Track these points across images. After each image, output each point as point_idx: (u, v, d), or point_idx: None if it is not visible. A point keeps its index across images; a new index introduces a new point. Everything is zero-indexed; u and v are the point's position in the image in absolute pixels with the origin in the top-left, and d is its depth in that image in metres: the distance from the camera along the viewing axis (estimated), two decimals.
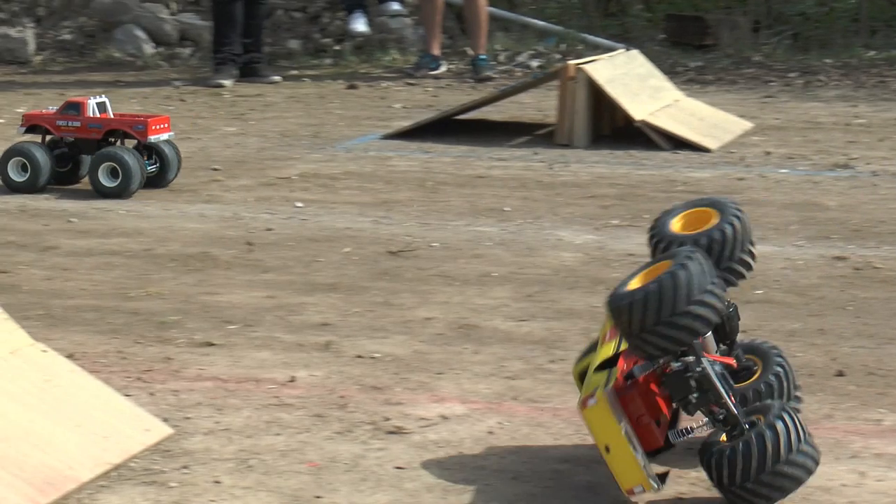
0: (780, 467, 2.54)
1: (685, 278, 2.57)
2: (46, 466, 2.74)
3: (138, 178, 5.69)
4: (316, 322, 3.98)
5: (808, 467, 2.57)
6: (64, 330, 3.86)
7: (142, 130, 5.75)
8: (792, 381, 2.87)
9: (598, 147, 6.98)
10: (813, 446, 2.59)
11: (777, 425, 2.55)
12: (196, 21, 11.09)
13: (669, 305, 2.57)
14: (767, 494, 2.57)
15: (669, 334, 2.59)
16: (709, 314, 2.59)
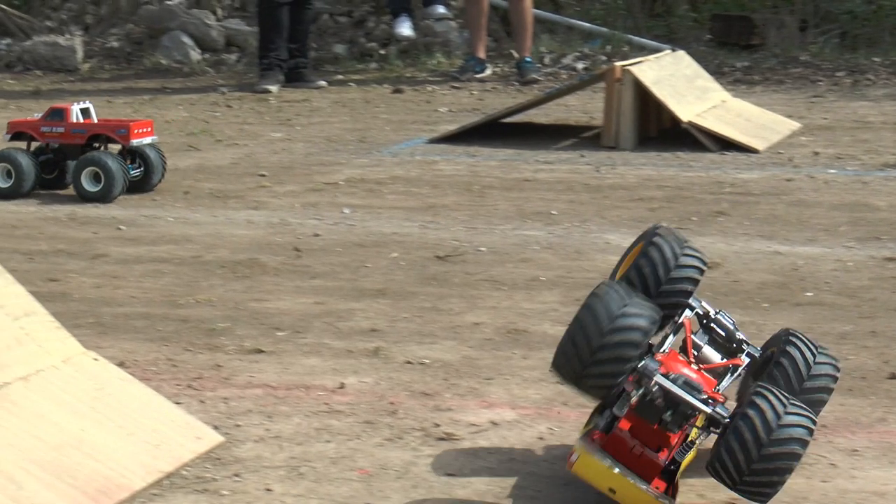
0: (766, 450, 2.48)
1: (589, 316, 2.57)
2: (99, 475, 2.75)
3: (121, 182, 5.76)
4: (364, 328, 3.98)
5: (798, 436, 2.49)
6: (114, 338, 3.88)
7: (124, 134, 5.82)
8: (807, 358, 2.78)
9: (644, 149, 6.96)
10: (798, 413, 2.51)
11: (748, 412, 2.50)
12: (242, 27, 11.13)
13: (585, 347, 2.58)
14: (770, 480, 2.51)
15: (600, 371, 2.58)
16: (629, 337, 2.57)
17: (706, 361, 2.80)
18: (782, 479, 2.50)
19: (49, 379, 2.96)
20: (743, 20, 10.70)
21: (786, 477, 2.50)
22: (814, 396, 2.73)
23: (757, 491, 2.53)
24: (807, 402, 2.66)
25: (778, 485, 2.51)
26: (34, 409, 2.84)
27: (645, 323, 2.59)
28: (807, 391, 2.73)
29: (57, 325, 3.11)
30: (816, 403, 2.74)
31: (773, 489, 2.52)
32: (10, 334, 2.98)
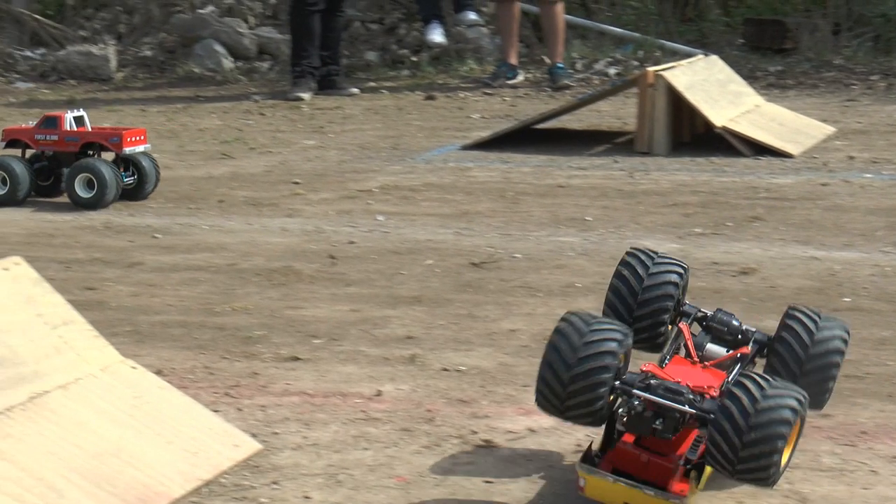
0: (748, 437, 2.48)
1: (554, 354, 2.61)
2: (138, 483, 2.76)
3: (114, 189, 5.82)
4: (400, 335, 3.98)
5: (778, 418, 2.48)
6: (151, 346, 3.89)
7: (117, 143, 5.89)
8: (807, 326, 2.79)
9: (678, 154, 6.94)
10: (777, 395, 2.49)
11: (725, 403, 2.51)
12: (274, 35, 11.16)
13: (557, 384, 2.60)
14: (759, 464, 2.50)
15: (578, 402, 2.60)
16: (598, 363, 2.59)
17: (712, 357, 2.83)
18: (772, 459, 2.49)
19: (88, 387, 2.97)
20: (776, 24, 10.66)
21: (775, 457, 2.49)
22: (823, 361, 2.76)
23: (754, 477, 2.53)
24: (817, 368, 2.71)
25: (772, 466, 2.50)
26: (73, 418, 2.86)
27: (612, 345, 2.61)
28: (814, 358, 2.76)
29: (95, 333, 3.12)
30: (827, 368, 2.76)
31: (768, 471, 2.51)
32: (49, 343, 3.00)
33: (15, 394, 2.83)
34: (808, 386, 2.72)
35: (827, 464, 2.99)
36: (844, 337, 2.81)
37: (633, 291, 2.87)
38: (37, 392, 2.87)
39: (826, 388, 2.79)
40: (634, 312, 2.87)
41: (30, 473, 2.66)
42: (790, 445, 2.58)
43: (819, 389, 2.78)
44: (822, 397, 2.80)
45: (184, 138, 7.95)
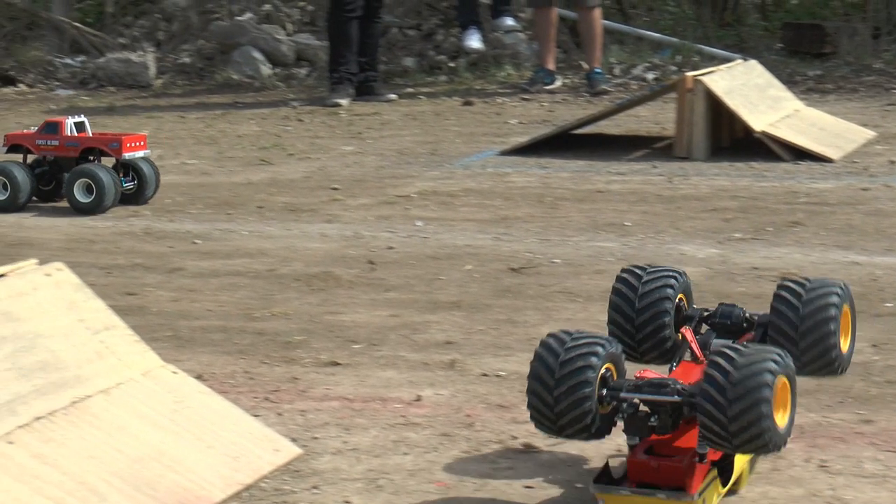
0: (732, 410, 2.48)
1: (535, 381, 2.64)
2: (179, 487, 2.77)
3: (112, 194, 5.87)
4: (440, 340, 3.98)
5: (756, 384, 2.48)
6: (192, 351, 3.91)
7: (116, 148, 5.94)
8: (796, 291, 2.80)
9: (717, 159, 6.92)
10: (749, 363, 2.49)
11: (703, 387, 2.52)
12: (312, 41, 11.19)
13: (544, 408, 2.63)
14: (751, 434, 2.50)
15: (569, 419, 2.62)
16: (579, 379, 2.60)
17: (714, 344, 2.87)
18: (762, 426, 2.49)
19: (129, 392, 2.98)
20: (814, 28, 10.60)
21: (765, 423, 2.49)
22: (816, 319, 2.76)
23: (754, 446, 2.53)
24: (812, 327, 2.74)
25: (764, 432, 2.49)
26: (115, 422, 2.87)
27: (591, 359, 2.62)
28: (807, 318, 2.77)
29: (136, 338, 3.14)
30: (823, 324, 2.76)
31: (763, 438, 2.50)
32: (91, 348, 3.01)
33: (57, 398, 2.85)
34: (810, 348, 2.75)
35: (870, 470, 2.97)
36: (836, 292, 2.80)
37: (630, 306, 2.89)
38: (79, 397, 2.88)
39: (828, 345, 2.78)
40: (636, 326, 2.89)
41: (71, 477, 2.67)
42: (783, 407, 2.56)
43: (822, 349, 2.77)
44: (829, 357, 2.78)
45: (223, 145, 7.98)
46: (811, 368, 2.81)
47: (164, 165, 7.25)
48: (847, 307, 2.86)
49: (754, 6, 11.93)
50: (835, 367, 2.82)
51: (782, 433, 2.55)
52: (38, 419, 2.77)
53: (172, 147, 7.90)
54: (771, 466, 2.97)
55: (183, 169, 7.16)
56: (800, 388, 3.41)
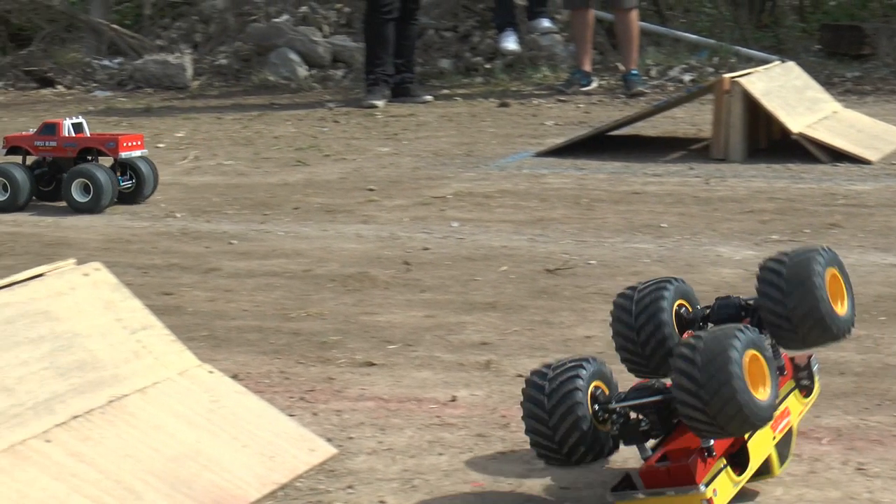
0: (705, 396, 2.50)
1: (528, 415, 2.70)
2: (215, 486, 2.78)
3: (109, 193, 5.95)
4: (475, 341, 3.98)
5: (722, 365, 2.49)
6: (228, 350, 3.92)
7: (113, 148, 6.03)
8: (774, 268, 2.80)
9: (754, 161, 6.89)
10: (711, 347, 2.51)
11: (674, 379, 2.55)
12: (348, 43, 11.21)
13: (544, 439, 2.68)
14: (731, 412, 2.51)
15: (571, 446, 2.66)
16: (567, 404, 2.64)
17: None
18: (739, 403, 2.49)
19: (166, 391, 2.99)
20: (853, 30, 10.55)
21: (741, 397, 2.49)
22: (803, 290, 2.74)
23: (739, 426, 2.54)
24: (801, 300, 2.72)
25: (743, 408, 2.50)
26: (152, 421, 2.88)
27: (577, 381, 2.67)
28: (793, 292, 2.75)
29: (173, 338, 3.15)
30: (809, 294, 2.74)
31: (744, 413, 2.51)
32: (128, 347, 3.03)
33: (94, 397, 2.86)
34: (804, 321, 2.74)
35: None
36: (817, 259, 2.79)
37: (629, 328, 2.89)
38: (116, 395, 2.90)
39: (821, 314, 2.75)
40: (640, 344, 2.88)
41: (108, 476, 2.68)
42: (761, 380, 2.57)
43: (815, 319, 2.75)
44: (826, 325, 2.76)
45: (259, 146, 8.00)
46: (811, 339, 2.80)
47: (201, 166, 7.29)
48: (834, 270, 2.83)
49: (792, 8, 11.88)
50: (834, 333, 2.80)
51: (764, 405, 2.55)
52: (75, 418, 2.79)
53: (209, 148, 7.93)
54: (808, 469, 2.95)
55: (219, 170, 7.18)
56: (838, 390, 3.40)
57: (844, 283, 2.86)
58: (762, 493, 2.83)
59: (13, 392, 2.74)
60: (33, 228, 5.75)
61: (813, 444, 3.09)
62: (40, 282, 3.01)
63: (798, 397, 2.89)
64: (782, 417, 2.79)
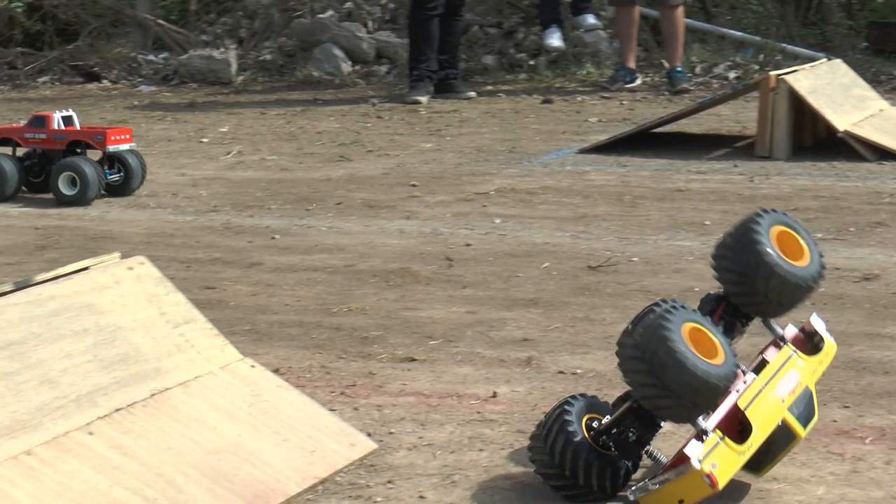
0: (654, 372, 2.56)
1: (540, 467, 2.80)
2: (255, 480, 2.79)
3: (96, 186, 6.05)
4: (517, 337, 3.97)
5: (655, 344, 2.56)
6: (269, 345, 3.93)
7: (101, 141, 6.13)
8: (724, 254, 2.82)
9: (799, 159, 6.85)
10: (640, 331, 2.59)
11: (623, 374, 2.64)
12: (392, 39, 11.23)
13: (566, 483, 2.75)
14: (688, 386, 2.56)
15: (588, 479, 2.73)
16: (569, 441, 2.73)
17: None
18: (690, 370, 2.54)
19: (208, 385, 3.00)
20: None
21: (691, 364, 2.54)
22: (750, 260, 2.75)
23: (702, 394, 2.57)
24: (753, 270, 2.74)
25: (698, 374, 2.55)
26: (193, 415, 2.89)
27: (566, 417, 2.75)
28: (737, 253, 2.77)
29: (215, 332, 3.16)
30: (758, 261, 2.75)
31: (700, 380, 2.55)
32: (171, 341, 3.04)
33: (137, 390, 2.88)
34: (766, 288, 2.75)
35: None
36: (755, 221, 2.80)
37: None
38: (158, 389, 2.91)
39: (779, 277, 2.76)
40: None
41: (149, 468, 2.70)
42: (710, 348, 2.61)
43: (776, 283, 2.76)
44: (790, 284, 2.77)
45: (302, 141, 8.02)
46: (783, 298, 2.80)
47: (244, 161, 7.31)
48: (781, 227, 2.83)
49: (839, 5, 11.79)
50: (804, 289, 2.81)
51: (722, 369, 2.59)
52: (118, 410, 2.80)
53: (252, 143, 7.96)
54: (851, 468, 2.93)
55: (263, 165, 7.21)
56: (882, 389, 3.38)
57: (801, 238, 2.86)
58: (804, 493, 2.81)
59: (57, 384, 2.76)
60: (78, 222, 5.79)
61: (856, 444, 3.07)
62: (85, 275, 3.03)
63: (804, 358, 2.87)
64: (788, 381, 2.78)
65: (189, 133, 8.46)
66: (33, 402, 2.70)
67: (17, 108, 9.87)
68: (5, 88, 11.24)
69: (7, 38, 12.33)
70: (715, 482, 2.59)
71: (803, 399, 2.80)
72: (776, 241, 2.80)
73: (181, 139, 8.22)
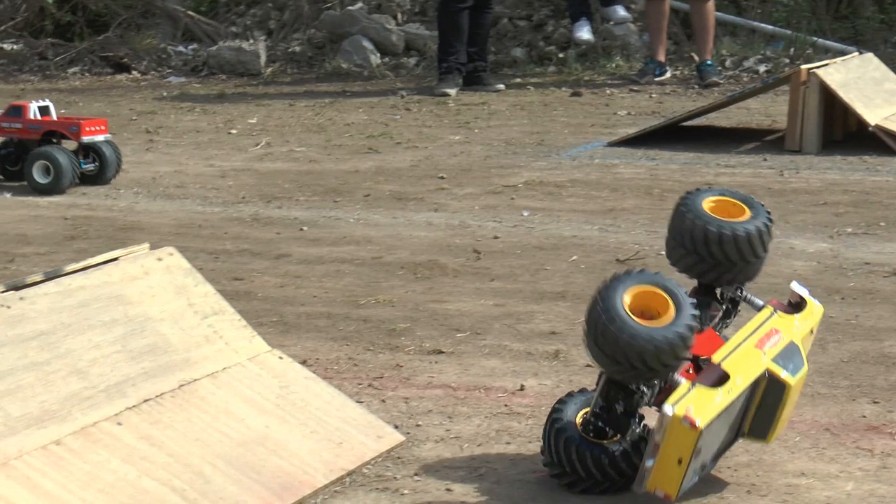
0: (602, 333, 2.61)
1: (555, 467, 2.83)
2: (283, 471, 2.79)
3: (70, 175, 6.15)
4: (544, 330, 3.97)
5: (597, 315, 2.62)
6: (297, 336, 3.94)
7: (75, 132, 6.23)
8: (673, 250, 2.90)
9: (829, 153, 6.82)
10: (599, 298, 2.63)
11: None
12: (422, 31, 11.22)
13: (583, 480, 2.78)
14: (635, 348, 2.59)
15: (600, 474, 2.76)
16: (567, 440, 2.77)
17: None
18: (630, 331, 2.59)
19: (236, 376, 3.01)
20: None
21: (620, 325, 2.59)
22: (687, 236, 2.83)
23: (650, 356, 2.59)
24: (693, 241, 2.81)
25: (630, 336, 2.59)
26: (221, 406, 2.90)
27: (557, 414, 2.80)
28: (677, 234, 2.85)
29: (244, 323, 3.17)
30: (698, 234, 2.81)
31: (637, 344, 2.59)
32: (200, 332, 3.05)
33: (165, 381, 2.88)
34: (712, 252, 2.80)
35: None
36: (684, 201, 2.87)
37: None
38: (186, 380, 2.92)
39: (717, 240, 2.80)
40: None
41: (178, 459, 2.70)
42: (659, 306, 2.64)
43: (717, 246, 2.80)
44: (733, 243, 2.81)
45: (331, 132, 8.03)
46: (737, 259, 2.83)
47: (273, 153, 7.32)
48: (710, 199, 2.88)
49: None
50: (743, 241, 2.83)
51: (669, 329, 2.60)
52: (146, 401, 2.81)
53: (281, 135, 7.97)
54: (879, 464, 2.92)
55: (291, 156, 7.22)
56: None
57: (737, 200, 2.89)
58: (833, 488, 2.80)
59: (86, 375, 2.77)
60: (107, 212, 5.81)
61: (885, 440, 3.06)
62: (114, 265, 3.04)
63: (784, 316, 2.86)
64: (768, 336, 2.78)
65: (218, 124, 8.47)
66: (62, 392, 2.71)
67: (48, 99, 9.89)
68: (36, 79, 11.28)
69: (38, 29, 12.37)
70: (693, 422, 2.57)
71: (788, 351, 2.79)
72: (714, 209, 2.86)
73: (210, 130, 8.23)
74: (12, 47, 12.07)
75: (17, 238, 5.31)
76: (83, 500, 2.52)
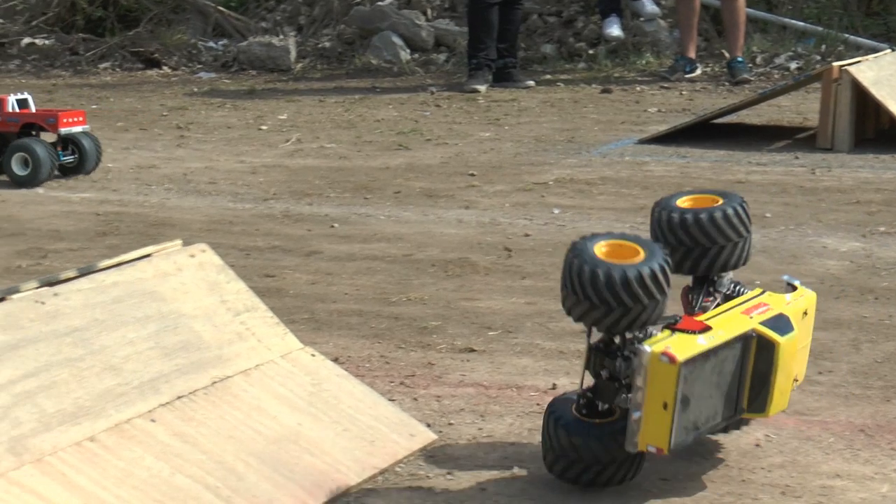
0: (581, 289, 2.67)
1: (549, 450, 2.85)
2: (315, 469, 2.79)
3: (48, 167, 6.24)
4: (576, 329, 3.93)
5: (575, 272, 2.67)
6: (328, 334, 3.94)
7: (53, 123, 6.32)
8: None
9: (861, 151, 6.79)
10: (569, 257, 2.71)
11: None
12: (451, 27, 11.21)
13: (587, 468, 2.79)
14: (610, 295, 2.64)
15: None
16: (559, 426, 2.78)
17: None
18: (603, 274, 2.64)
19: (268, 373, 3.01)
20: None
21: (603, 271, 2.64)
22: (658, 221, 2.97)
23: (623, 290, 2.63)
24: (661, 226, 2.96)
25: (600, 270, 2.64)
26: (254, 403, 2.90)
27: (552, 406, 2.81)
28: (655, 229, 2.98)
29: (276, 320, 3.17)
30: (657, 216, 2.97)
31: (606, 279, 2.64)
32: (232, 329, 3.05)
33: (198, 378, 2.89)
34: (687, 232, 2.91)
35: None
36: (656, 206, 2.98)
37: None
38: (219, 377, 2.92)
39: (686, 220, 2.91)
40: None
41: (211, 456, 2.71)
42: (629, 253, 2.69)
43: (687, 223, 2.91)
44: (705, 222, 2.90)
45: (361, 129, 8.03)
46: (718, 239, 2.91)
47: (303, 149, 7.33)
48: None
49: None
50: (716, 222, 2.90)
51: (642, 265, 2.64)
52: (179, 398, 2.82)
53: (311, 131, 7.97)
54: None
55: (321, 153, 7.22)
56: None
57: (716, 194, 2.99)
58: (867, 490, 2.78)
59: (119, 371, 2.78)
60: (138, 208, 5.82)
61: None
62: (147, 262, 3.05)
63: (773, 295, 2.88)
64: (756, 307, 2.79)
65: (248, 120, 8.49)
66: (96, 389, 2.72)
67: (79, 94, 9.95)
68: (67, 74, 11.32)
69: (69, 24, 12.42)
70: (672, 356, 2.57)
71: (778, 320, 2.78)
72: (692, 202, 2.99)
73: (240, 126, 8.25)
74: (44, 42, 12.13)
75: (49, 234, 5.33)
76: (117, 497, 2.52)
